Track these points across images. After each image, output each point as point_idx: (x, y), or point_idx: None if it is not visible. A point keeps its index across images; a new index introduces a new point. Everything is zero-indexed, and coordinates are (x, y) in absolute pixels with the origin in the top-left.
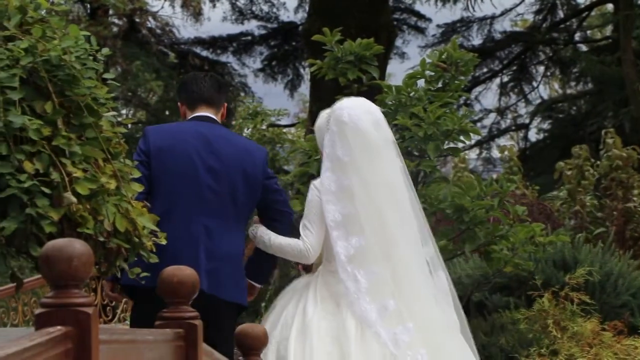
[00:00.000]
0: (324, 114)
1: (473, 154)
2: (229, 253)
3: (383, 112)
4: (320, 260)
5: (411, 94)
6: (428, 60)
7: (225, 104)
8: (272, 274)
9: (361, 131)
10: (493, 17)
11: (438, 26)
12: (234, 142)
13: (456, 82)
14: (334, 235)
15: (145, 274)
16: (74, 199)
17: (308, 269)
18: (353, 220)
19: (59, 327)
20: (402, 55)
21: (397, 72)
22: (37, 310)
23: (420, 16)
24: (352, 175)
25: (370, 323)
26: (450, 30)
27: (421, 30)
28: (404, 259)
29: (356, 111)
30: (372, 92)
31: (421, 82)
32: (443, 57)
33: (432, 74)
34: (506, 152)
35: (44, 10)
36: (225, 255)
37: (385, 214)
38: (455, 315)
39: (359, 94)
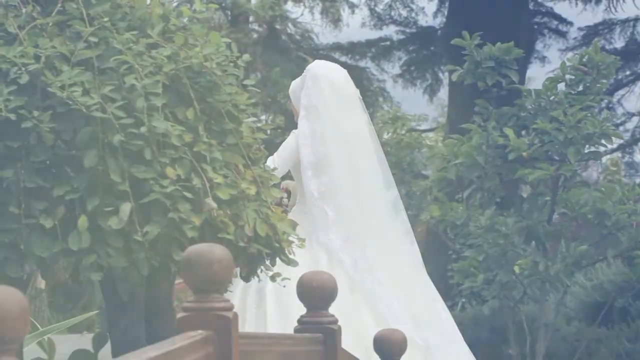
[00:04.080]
0: (296, 80)
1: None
2: None
3: (522, 117)
4: (295, 202)
5: (551, 98)
6: (568, 64)
7: None
8: None
9: (334, 82)
10: (636, 20)
11: (579, 29)
12: None
13: (597, 85)
14: (309, 174)
15: (287, 278)
16: (214, 205)
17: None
18: (325, 160)
19: (200, 331)
20: (543, 59)
21: (537, 76)
22: (179, 315)
23: (561, 19)
24: (325, 119)
25: (334, 250)
26: (591, 33)
27: (562, 34)
28: (370, 196)
29: (328, 66)
30: (512, 96)
31: (561, 86)
32: (584, 60)
33: (573, 77)
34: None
35: (186, 18)
36: None
37: (354, 155)
38: (419, 255)
39: (498, 98)
